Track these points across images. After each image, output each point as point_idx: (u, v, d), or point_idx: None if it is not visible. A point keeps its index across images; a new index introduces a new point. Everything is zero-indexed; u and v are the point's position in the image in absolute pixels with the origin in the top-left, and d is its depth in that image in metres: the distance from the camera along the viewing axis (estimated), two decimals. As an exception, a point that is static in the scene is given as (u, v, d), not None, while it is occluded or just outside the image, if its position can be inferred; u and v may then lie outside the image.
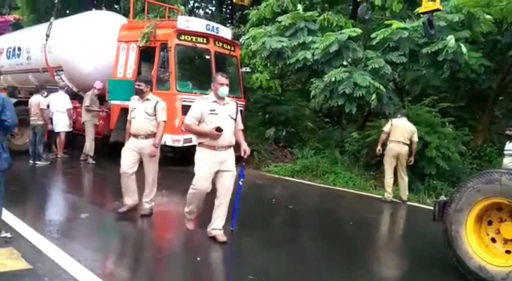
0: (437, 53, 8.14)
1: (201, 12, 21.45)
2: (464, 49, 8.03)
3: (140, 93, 5.51)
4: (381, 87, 8.18)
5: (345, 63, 8.69)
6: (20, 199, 5.92)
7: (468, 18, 8.39)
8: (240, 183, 4.90)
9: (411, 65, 8.85)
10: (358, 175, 9.85)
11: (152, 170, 5.59)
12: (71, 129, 10.25)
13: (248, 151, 4.69)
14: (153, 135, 5.45)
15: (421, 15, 7.92)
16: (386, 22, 8.77)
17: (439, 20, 8.15)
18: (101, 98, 10.31)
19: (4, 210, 4.59)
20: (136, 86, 5.52)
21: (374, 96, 8.11)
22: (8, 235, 4.40)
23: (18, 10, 17.52)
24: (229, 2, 21.12)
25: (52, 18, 11.28)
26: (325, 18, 10.02)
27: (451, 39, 7.92)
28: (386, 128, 7.80)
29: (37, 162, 8.90)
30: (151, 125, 5.45)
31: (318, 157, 10.71)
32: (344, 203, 8.02)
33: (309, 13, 9.68)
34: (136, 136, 5.49)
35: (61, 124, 9.94)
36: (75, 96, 11.12)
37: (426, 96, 10.65)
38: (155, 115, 5.43)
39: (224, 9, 21.55)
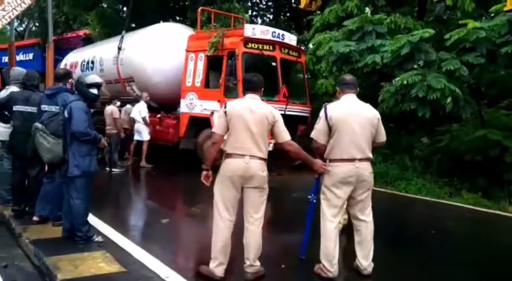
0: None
1: (259, 20, 21.68)
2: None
3: None
4: (457, 89, 7.82)
5: (415, 66, 8.40)
6: (102, 204, 6.17)
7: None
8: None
9: (488, 66, 8.41)
10: (431, 182, 9.47)
11: None
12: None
13: None
14: None
15: (505, 13, 7.52)
16: (460, 21, 8.39)
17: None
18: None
19: (90, 215, 4.79)
20: None
21: (449, 99, 7.75)
22: (100, 239, 4.58)
23: (89, 25, 18.47)
24: (287, 9, 21.24)
25: (124, 31, 11.81)
26: (392, 21, 9.76)
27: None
28: None
29: (113, 170, 9.28)
30: None
31: (387, 163, 10.42)
32: (421, 211, 7.71)
33: (377, 16, 9.47)
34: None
35: (144, 133, 10.24)
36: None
37: (503, 98, 10.11)
38: None
39: (282, 16, 21.62)
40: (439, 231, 5.93)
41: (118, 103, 10.32)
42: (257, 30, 9.59)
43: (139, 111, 10.21)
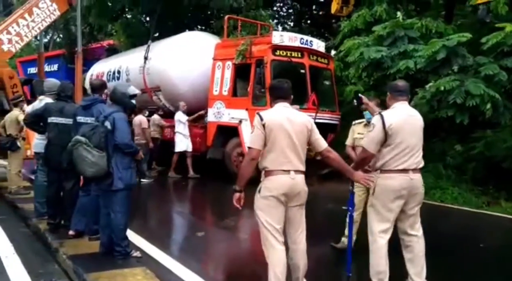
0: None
1: (280, 28, 21.57)
2: None
3: None
4: (497, 95, 7.54)
5: (451, 71, 8.15)
6: (134, 216, 6.03)
7: None
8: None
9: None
10: (467, 191, 9.14)
11: None
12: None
13: None
14: None
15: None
16: (497, 25, 8.12)
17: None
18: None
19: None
20: None
21: (489, 105, 7.49)
22: (138, 254, 4.45)
23: (113, 36, 18.63)
24: (307, 17, 21.08)
25: (150, 41, 11.80)
26: (423, 25, 9.53)
27: None
28: None
29: (141, 180, 9.20)
30: None
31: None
32: (462, 222, 7.39)
33: (409, 21, 9.25)
34: None
35: (182, 144, 10.13)
36: (172, 115, 11.49)
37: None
38: None
39: (303, 23, 21.46)
40: (487, 244, 5.65)
41: (147, 113, 10.27)
42: (285, 37, 9.44)
43: (179, 120, 10.13)
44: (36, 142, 5.75)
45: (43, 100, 5.81)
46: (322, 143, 3.49)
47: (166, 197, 8.78)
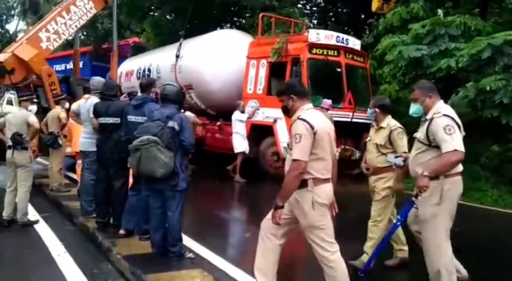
0: None
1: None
2: None
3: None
4: (545, 95, 7.34)
5: (496, 69, 7.93)
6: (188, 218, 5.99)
7: None
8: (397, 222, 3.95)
9: None
10: (507, 193, 8.90)
11: None
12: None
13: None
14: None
15: None
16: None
17: None
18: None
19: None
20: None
21: (537, 105, 7.29)
22: (192, 255, 4.41)
23: (139, 34, 18.71)
24: (331, 14, 20.77)
25: (182, 39, 11.77)
26: (462, 22, 9.30)
27: None
28: None
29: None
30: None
31: (457, 172, 9.89)
32: (508, 224, 7.20)
33: (449, 18, 9.03)
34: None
35: (241, 145, 9.44)
36: (203, 113, 11.47)
37: None
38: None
39: (328, 21, 21.21)
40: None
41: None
42: (322, 35, 9.33)
43: (238, 120, 9.54)
44: (82, 140, 5.73)
45: (89, 99, 5.80)
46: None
47: (202, 196, 8.69)
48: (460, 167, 3.48)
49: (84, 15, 9.20)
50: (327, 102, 8.42)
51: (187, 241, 4.90)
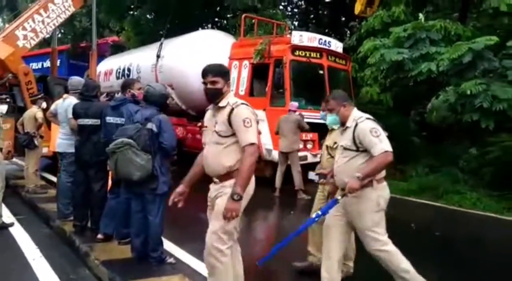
0: None
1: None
2: None
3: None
4: (525, 100, 7.44)
5: (477, 74, 8.03)
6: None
7: None
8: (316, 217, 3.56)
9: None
10: (486, 196, 9.02)
11: None
12: None
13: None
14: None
15: None
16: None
17: None
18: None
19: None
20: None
21: (516, 109, 7.39)
22: (173, 260, 4.31)
23: (119, 33, 18.42)
24: (312, 16, 20.81)
25: (163, 38, 11.62)
26: (442, 27, 9.42)
27: None
28: None
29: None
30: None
31: (435, 175, 9.99)
32: (489, 228, 7.27)
33: (431, 22, 9.13)
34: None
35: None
36: (183, 114, 11.34)
37: None
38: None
39: (310, 24, 21.27)
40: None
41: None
42: (304, 37, 9.31)
43: None
44: (60, 141, 5.58)
45: (67, 99, 5.64)
46: None
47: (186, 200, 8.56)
48: (384, 172, 3.46)
49: (62, 13, 8.97)
50: (294, 104, 8.40)
51: (167, 245, 4.79)
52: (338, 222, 3.48)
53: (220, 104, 3.11)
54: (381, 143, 3.27)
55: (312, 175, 3.92)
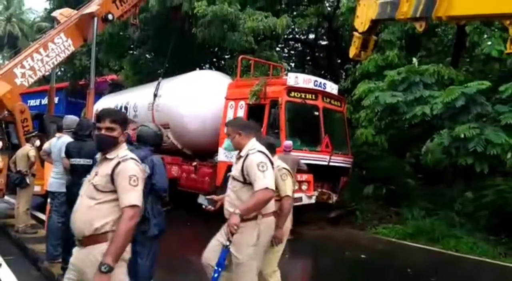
0: None
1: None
2: None
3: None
4: (518, 144, 7.49)
5: (470, 118, 8.12)
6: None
7: None
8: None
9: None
10: (482, 240, 8.92)
11: None
12: None
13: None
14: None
15: None
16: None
17: None
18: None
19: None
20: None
21: (510, 154, 7.41)
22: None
23: (118, 71, 18.66)
24: (308, 59, 21.19)
25: (160, 78, 11.77)
26: (436, 71, 9.61)
27: None
28: None
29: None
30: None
31: (432, 218, 9.92)
32: (487, 274, 7.16)
33: (424, 67, 9.31)
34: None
35: None
36: (179, 153, 11.33)
37: None
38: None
39: (306, 66, 21.63)
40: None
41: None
42: (300, 79, 9.44)
43: None
44: (52, 181, 5.52)
45: (61, 138, 5.63)
46: None
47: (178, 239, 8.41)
48: (273, 207, 3.41)
49: (61, 52, 9.10)
50: (288, 143, 8.34)
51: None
52: None
53: (108, 156, 2.74)
54: (264, 179, 3.19)
55: (201, 199, 3.83)
